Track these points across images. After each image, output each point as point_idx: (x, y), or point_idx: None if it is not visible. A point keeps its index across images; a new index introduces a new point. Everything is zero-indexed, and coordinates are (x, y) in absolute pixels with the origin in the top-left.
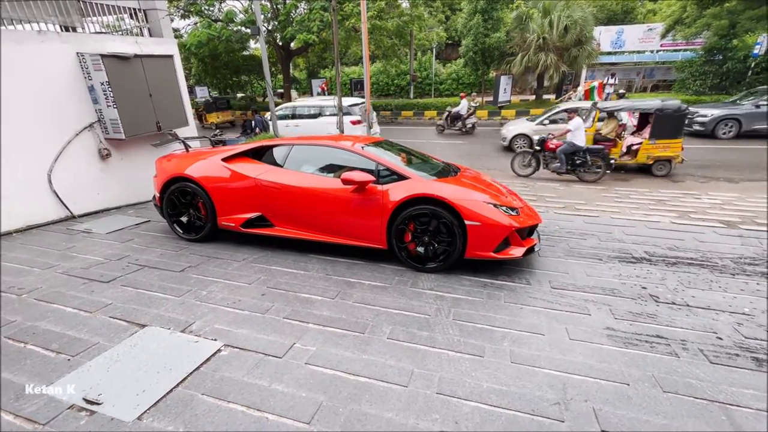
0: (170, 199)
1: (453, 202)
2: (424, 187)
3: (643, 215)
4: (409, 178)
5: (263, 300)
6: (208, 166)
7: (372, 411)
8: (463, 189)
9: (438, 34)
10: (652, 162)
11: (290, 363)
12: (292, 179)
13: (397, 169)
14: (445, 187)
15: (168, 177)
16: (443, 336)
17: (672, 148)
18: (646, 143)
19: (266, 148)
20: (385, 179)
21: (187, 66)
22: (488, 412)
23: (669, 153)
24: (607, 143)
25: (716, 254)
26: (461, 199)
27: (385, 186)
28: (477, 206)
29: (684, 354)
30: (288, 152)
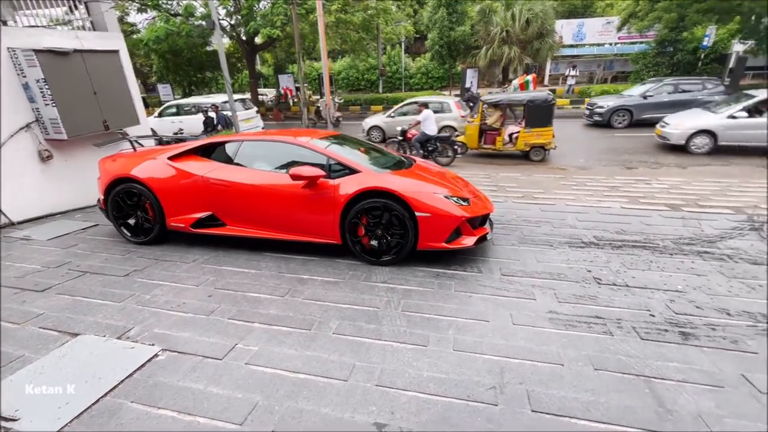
0: (115, 201)
1: (403, 194)
2: (375, 180)
3: (596, 201)
4: (360, 172)
5: (209, 301)
6: (153, 165)
7: (308, 407)
8: (414, 181)
9: (406, 28)
10: (530, 149)
11: (230, 364)
12: (242, 176)
13: (349, 162)
14: (396, 180)
15: (112, 178)
16: (390, 328)
17: (544, 135)
18: (523, 132)
19: (216, 144)
20: (337, 174)
21: (148, 63)
22: (425, 400)
23: (542, 140)
24: (492, 132)
25: (659, 236)
26: (411, 191)
27: (336, 180)
28: (427, 198)
29: (618, 332)
30: (238, 148)
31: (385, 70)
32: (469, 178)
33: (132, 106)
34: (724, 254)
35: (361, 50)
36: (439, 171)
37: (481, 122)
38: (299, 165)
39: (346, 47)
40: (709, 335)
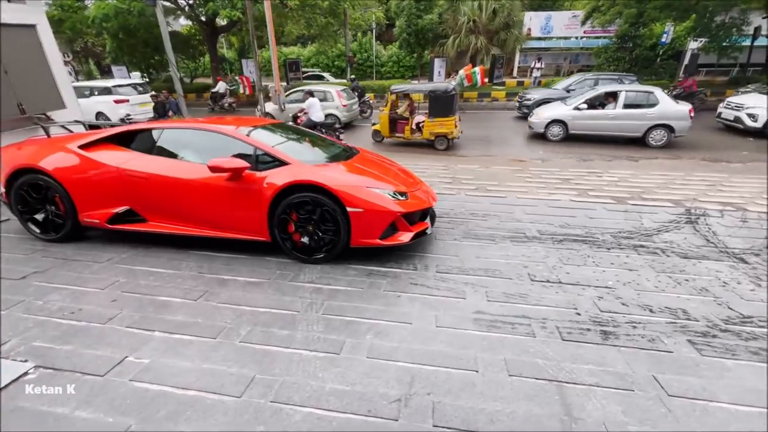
0: (19, 194)
1: (333, 188)
2: (303, 173)
3: (547, 194)
4: (289, 164)
5: (110, 307)
6: (62, 155)
7: (188, 430)
8: (348, 174)
9: (375, 14)
10: (434, 138)
11: (111, 382)
12: (162, 168)
13: (277, 153)
14: (328, 173)
15: (12, 169)
16: (304, 333)
17: (446, 125)
18: (427, 121)
19: (135, 132)
20: (265, 166)
21: (101, 42)
22: (320, 417)
23: (444, 130)
24: (402, 121)
25: (599, 230)
26: (342, 185)
27: (263, 173)
28: (359, 192)
29: (541, 333)
30: (158, 137)
31: (353, 57)
32: (425, 170)
33: (54, 88)
34: (658, 248)
35: (329, 36)
36: (381, 162)
37: (391, 111)
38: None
39: (313, 32)
40: (629, 334)
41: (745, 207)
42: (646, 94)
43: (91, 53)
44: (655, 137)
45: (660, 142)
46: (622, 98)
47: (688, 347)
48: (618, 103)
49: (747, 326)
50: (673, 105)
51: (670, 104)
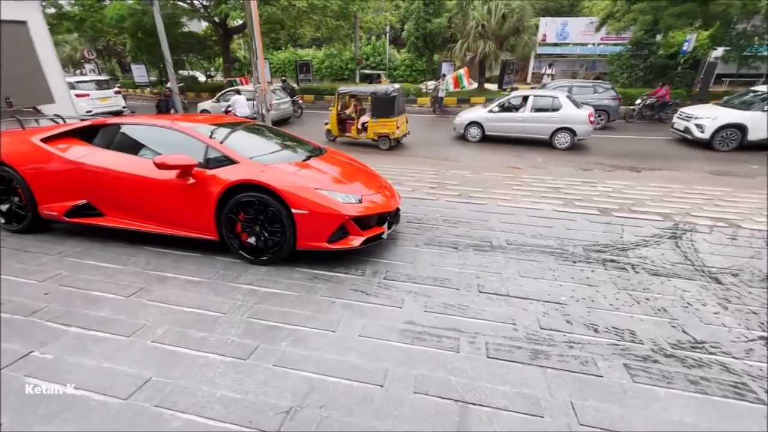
0: None
1: (277, 188)
2: (250, 171)
3: (530, 203)
4: (238, 163)
5: (40, 300)
6: (23, 147)
7: (61, 430)
8: (297, 174)
9: (386, 17)
10: (378, 138)
11: (4, 376)
12: (116, 163)
13: (226, 151)
14: (275, 173)
15: None
16: (220, 337)
17: (388, 125)
18: (371, 122)
19: (97, 127)
20: (216, 164)
21: (122, 41)
22: (198, 426)
23: (386, 130)
24: (350, 121)
25: (573, 241)
26: (288, 186)
27: (213, 171)
28: (306, 193)
29: (466, 348)
30: (116, 132)
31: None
32: (415, 174)
33: (44, 83)
34: (629, 263)
35: (338, 39)
36: (345, 163)
37: (339, 112)
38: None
39: (324, 35)
40: (563, 355)
41: (739, 224)
42: (551, 98)
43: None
44: (559, 140)
45: (564, 144)
46: (531, 102)
47: (622, 372)
48: (527, 107)
49: (695, 352)
50: (574, 110)
51: (572, 109)
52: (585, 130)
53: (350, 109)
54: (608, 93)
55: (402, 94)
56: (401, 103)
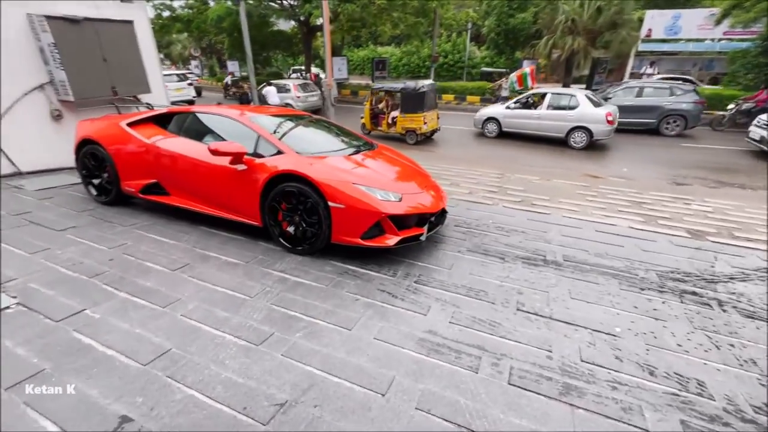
0: (82, 161)
1: (316, 180)
2: (291, 163)
3: (602, 217)
4: (284, 153)
5: (104, 265)
6: (113, 130)
7: (88, 383)
8: (339, 168)
9: (468, 14)
10: (405, 132)
11: (58, 327)
12: (183, 148)
13: (275, 141)
14: (319, 166)
15: (79, 139)
16: (240, 319)
17: (415, 121)
18: (400, 117)
19: (172, 114)
20: (266, 153)
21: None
22: (197, 402)
23: (413, 125)
24: (382, 115)
25: (646, 265)
26: (327, 178)
27: (262, 160)
28: (344, 187)
29: (487, 370)
30: (185, 120)
31: (437, 56)
32: (480, 177)
33: (143, 75)
34: (716, 299)
35: (416, 36)
36: (393, 160)
37: (373, 106)
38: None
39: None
40: (601, 395)
41: None
42: (568, 96)
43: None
44: (575, 139)
45: (580, 144)
46: (548, 100)
47: (675, 430)
48: (544, 104)
49: None
50: (591, 108)
51: (589, 107)
52: (602, 129)
53: (383, 104)
54: (688, 96)
55: (434, 90)
56: (431, 100)
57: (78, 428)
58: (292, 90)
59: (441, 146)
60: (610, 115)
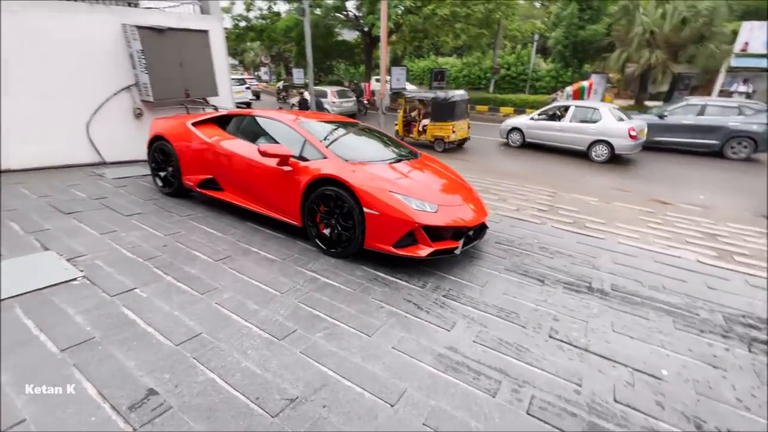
0: (152, 155)
1: (353, 185)
2: (331, 167)
3: (666, 246)
4: (327, 158)
5: (158, 250)
6: (179, 128)
7: (122, 355)
8: (374, 175)
9: (534, 25)
10: (434, 140)
11: (111, 302)
12: (236, 147)
13: (319, 146)
14: (359, 172)
15: (151, 135)
16: (268, 313)
17: (444, 129)
18: (430, 125)
19: (231, 116)
20: (310, 156)
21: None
22: (216, 386)
23: (441, 133)
24: (413, 123)
25: (711, 305)
26: (364, 185)
27: (306, 163)
28: (380, 194)
29: (506, 395)
30: (242, 122)
31: (498, 68)
32: (531, 193)
33: (213, 80)
34: None
35: (478, 47)
36: (434, 170)
37: (406, 114)
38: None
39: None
40: None
41: None
42: (592, 110)
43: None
44: (596, 152)
45: (601, 157)
46: (571, 112)
47: None
48: (567, 117)
49: None
50: (614, 122)
51: (611, 121)
52: (624, 144)
53: (415, 112)
54: (760, 116)
55: (466, 101)
56: (462, 110)
57: (112, 393)
58: (329, 95)
59: (467, 154)
60: (633, 130)
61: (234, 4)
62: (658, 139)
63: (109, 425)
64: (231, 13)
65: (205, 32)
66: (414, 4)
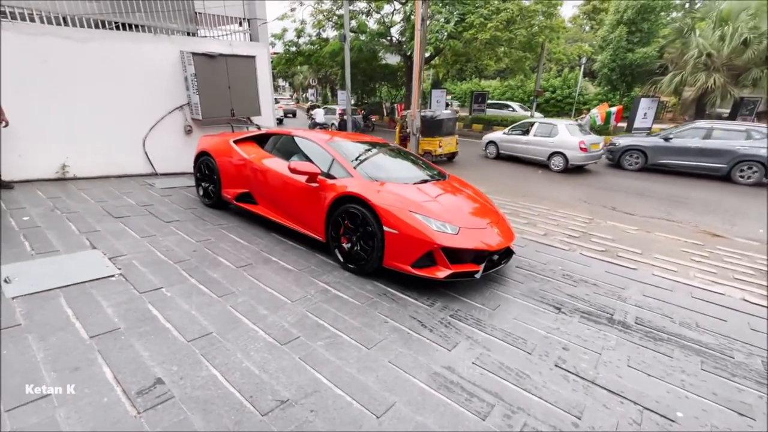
0: (198, 168)
1: (374, 203)
2: (356, 186)
3: (707, 282)
4: (352, 176)
5: (187, 254)
6: (222, 145)
7: (141, 345)
8: (396, 194)
9: (581, 48)
10: (423, 153)
11: (139, 297)
12: (271, 164)
13: (345, 165)
14: (383, 192)
15: (198, 151)
16: (275, 319)
17: (431, 144)
18: (421, 139)
19: (269, 135)
20: (337, 174)
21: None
22: (216, 382)
23: (429, 147)
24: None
25: (750, 348)
26: (385, 203)
27: (333, 181)
28: (400, 213)
29: (497, 420)
30: (278, 140)
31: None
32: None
33: (257, 101)
34: None
35: (521, 70)
36: (459, 191)
37: (402, 131)
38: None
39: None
40: None
41: None
42: (551, 126)
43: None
44: (554, 162)
45: (558, 167)
46: (535, 128)
47: None
48: (532, 132)
49: None
50: (568, 137)
51: (566, 136)
52: (576, 155)
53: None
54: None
55: (454, 119)
56: (449, 127)
57: (125, 378)
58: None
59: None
60: (584, 143)
61: (286, 31)
62: (661, 161)
63: (117, 407)
64: (283, 39)
65: (253, 58)
66: (455, 30)
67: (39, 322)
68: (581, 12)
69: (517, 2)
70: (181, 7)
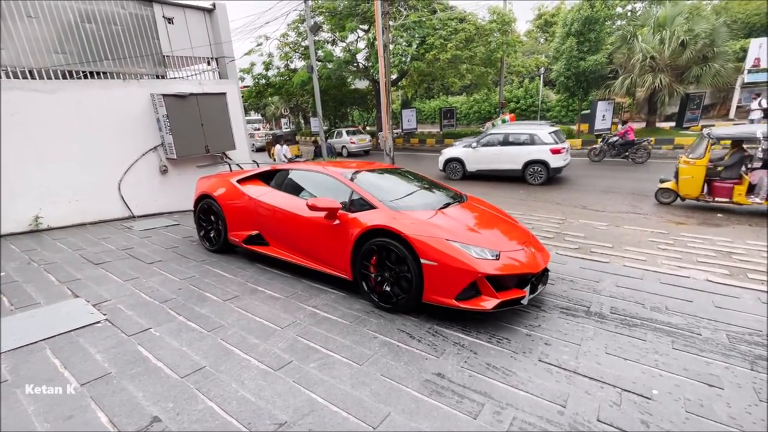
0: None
1: (408, 236)
2: (383, 217)
3: (674, 267)
4: (376, 208)
5: (174, 293)
6: (224, 185)
7: (134, 387)
8: (428, 223)
9: (537, 59)
10: None
11: (128, 340)
12: (281, 202)
13: (367, 197)
14: (407, 220)
15: (198, 194)
16: (267, 347)
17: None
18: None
19: (274, 172)
20: (358, 208)
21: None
22: (213, 414)
23: None
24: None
25: (716, 324)
26: (419, 234)
27: (355, 214)
28: (436, 243)
29: (487, 417)
30: (285, 176)
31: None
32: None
33: (230, 135)
34: None
35: (484, 84)
36: (485, 212)
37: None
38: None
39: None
40: None
41: None
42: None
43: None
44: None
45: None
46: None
47: None
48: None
49: None
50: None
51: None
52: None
53: None
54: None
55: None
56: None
57: (120, 421)
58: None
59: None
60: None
61: (254, 65)
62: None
63: None
64: (251, 73)
65: (223, 94)
66: (418, 52)
67: (26, 376)
68: (534, 26)
69: (473, 22)
70: (149, 52)
